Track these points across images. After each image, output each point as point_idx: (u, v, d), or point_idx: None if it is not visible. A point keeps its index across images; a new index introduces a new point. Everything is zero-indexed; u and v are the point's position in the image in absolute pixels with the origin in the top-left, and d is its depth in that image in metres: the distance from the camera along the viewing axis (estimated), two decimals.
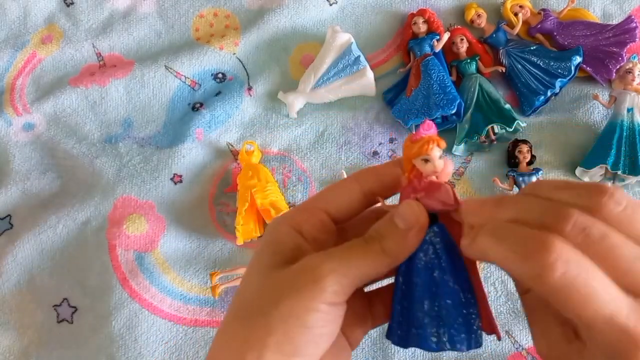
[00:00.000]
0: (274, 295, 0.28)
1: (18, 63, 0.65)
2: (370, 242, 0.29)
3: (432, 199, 0.29)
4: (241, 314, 0.29)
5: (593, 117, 0.61)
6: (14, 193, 0.60)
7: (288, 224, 0.31)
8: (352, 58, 0.61)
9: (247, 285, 0.31)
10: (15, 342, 0.56)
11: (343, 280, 0.28)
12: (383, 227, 0.29)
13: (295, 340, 0.27)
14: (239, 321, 0.29)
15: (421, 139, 0.30)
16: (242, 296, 0.31)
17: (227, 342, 0.29)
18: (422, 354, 0.55)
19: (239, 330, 0.28)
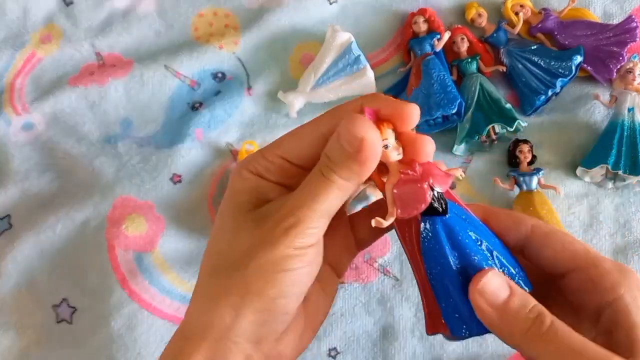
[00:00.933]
0: (247, 250, 0.28)
1: (17, 63, 0.65)
2: (327, 174, 0.28)
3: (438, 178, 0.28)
4: (216, 271, 0.29)
5: (594, 116, 0.61)
6: (13, 193, 0.60)
7: (248, 170, 0.31)
8: (352, 57, 0.61)
9: (217, 239, 0.31)
10: (15, 343, 0.56)
11: (312, 222, 0.28)
12: (334, 153, 0.28)
13: (277, 284, 0.28)
14: (214, 278, 0.29)
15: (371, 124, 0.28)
16: (214, 251, 0.31)
17: (204, 298, 0.29)
18: (422, 353, 0.55)
19: (216, 285, 0.28)
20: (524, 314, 0.27)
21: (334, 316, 0.56)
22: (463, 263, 0.28)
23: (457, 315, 0.29)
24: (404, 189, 0.28)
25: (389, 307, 0.56)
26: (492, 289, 0.28)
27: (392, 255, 0.58)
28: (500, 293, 0.28)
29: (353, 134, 0.27)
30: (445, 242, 0.28)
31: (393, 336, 0.56)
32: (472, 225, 0.29)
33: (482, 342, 0.55)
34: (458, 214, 0.29)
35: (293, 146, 0.31)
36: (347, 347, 0.56)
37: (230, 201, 0.31)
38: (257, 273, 0.27)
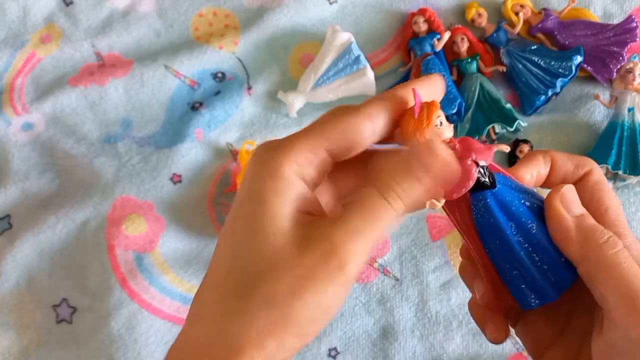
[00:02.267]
0: (290, 281, 0.24)
1: (17, 63, 0.65)
2: (392, 201, 0.25)
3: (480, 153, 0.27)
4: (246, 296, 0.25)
5: (594, 116, 0.61)
6: (13, 193, 0.60)
7: (290, 166, 0.25)
8: (352, 57, 0.61)
9: (246, 249, 0.25)
10: (15, 343, 0.56)
11: (366, 256, 0.25)
12: (403, 177, 0.26)
13: (316, 323, 0.25)
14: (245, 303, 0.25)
15: (422, 109, 0.27)
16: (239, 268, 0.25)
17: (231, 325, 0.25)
18: (422, 353, 0.55)
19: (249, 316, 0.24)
20: (600, 229, 0.27)
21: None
22: (521, 231, 0.28)
23: (524, 286, 0.29)
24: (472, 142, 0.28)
25: (389, 307, 0.56)
26: (573, 197, 0.28)
27: (392, 255, 0.58)
28: (578, 207, 0.28)
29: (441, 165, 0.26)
30: (500, 215, 0.28)
31: (393, 336, 0.56)
32: (522, 192, 0.29)
33: (482, 342, 0.55)
34: (506, 183, 0.29)
35: (338, 137, 0.26)
36: (347, 347, 0.56)
37: (268, 209, 0.25)
38: (301, 313, 0.24)
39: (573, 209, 0.28)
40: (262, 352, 0.24)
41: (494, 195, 0.28)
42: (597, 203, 0.30)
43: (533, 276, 0.28)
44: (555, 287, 0.29)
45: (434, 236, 0.58)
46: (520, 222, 0.28)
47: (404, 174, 0.26)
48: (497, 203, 0.28)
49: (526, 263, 0.28)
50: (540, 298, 0.29)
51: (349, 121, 0.26)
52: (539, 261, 0.28)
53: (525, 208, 0.29)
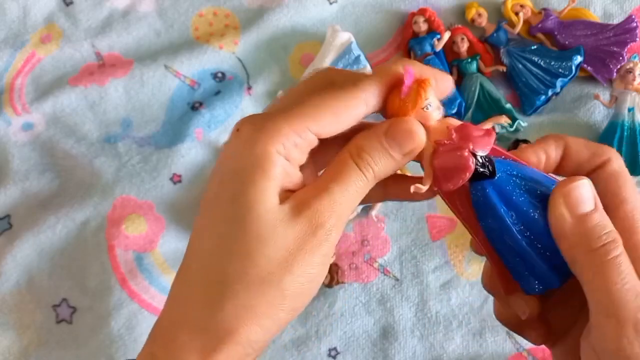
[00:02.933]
0: (280, 255, 0.25)
1: (17, 63, 0.65)
2: (364, 170, 0.26)
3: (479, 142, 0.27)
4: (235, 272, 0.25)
5: (594, 116, 0.61)
6: (13, 193, 0.60)
7: (276, 150, 0.25)
8: (352, 57, 0.61)
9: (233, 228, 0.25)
10: (15, 343, 0.56)
11: (343, 224, 0.27)
12: (376, 151, 0.27)
13: (305, 295, 0.26)
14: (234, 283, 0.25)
15: (411, 88, 0.26)
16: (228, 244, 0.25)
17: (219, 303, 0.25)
18: (422, 353, 0.55)
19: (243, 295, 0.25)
20: (598, 233, 0.26)
21: (334, 316, 0.56)
22: (522, 220, 0.28)
23: (527, 272, 0.28)
24: (444, 160, 0.27)
25: (389, 307, 0.56)
26: (579, 196, 0.26)
27: (392, 255, 0.58)
28: (586, 204, 0.26)
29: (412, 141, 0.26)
30: (500, 205, 0.28)
31: (393, 336, 0.56)
32: (524, 178, 0.28)
33: (482, 342, 0.55)
34: (508, 171, 0.28)
35: (329, 121, 0.26)
36: (347, 347, 0.56)
37: (261, 194, 0.25)
38: (293, 286, 0.25)
39: (578, 207, 0.26)
40: (257, 330, 0.25)
41: (494, 184, 0.28)
42: (611, 195, 0.28)
43: (535, 263, 0.28)
44: (558, 273, 0.28)
45: (434, 236, 0.58)
46: (521, 211, 0.28)
47: (378, 147, 0.27)
48: (496, 193, 0.28)
49: (527, 251, 0.28)
50: (543, 284, 0.28)
51: (339, 105, 0.26)
52: (541, 248, 0.28)
53: (526, 197, 0.28)
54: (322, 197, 0.26)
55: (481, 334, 0.56)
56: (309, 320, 0.56)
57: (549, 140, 0.30)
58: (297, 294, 0.26)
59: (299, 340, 0.56)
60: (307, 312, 0.57)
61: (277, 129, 0.25)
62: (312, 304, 0.57)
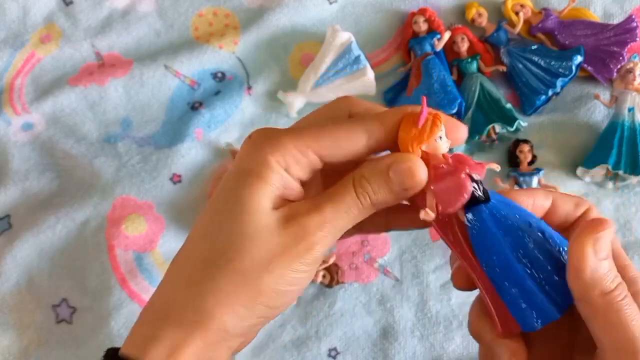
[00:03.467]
0: (262, 256, 0.27)
1: (17, 63, 0.65)
2: (361, 197, 0.28)
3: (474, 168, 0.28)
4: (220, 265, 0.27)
5: (594, 116, 0.61)
6: (13, 193, 0.60)
7: (276, 160, 0.28)
8: (352, 57, 0.61)
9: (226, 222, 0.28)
10: (15, 343, 0.56)
11: (331, 242, 0.29)
12: (377, 183, 0.28)
13: (287, 299, 0.29)
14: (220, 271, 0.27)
15: (427, 120, 0.28)
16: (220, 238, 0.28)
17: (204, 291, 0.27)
18: (422, 353, 0.55)
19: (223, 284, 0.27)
20: (612, 277, 0.28)
21: (334, 316, 0.56)
22: (520, 247, 0.28)
23: (525, 305, 0.28)
24: (443, 183, 0.28)
25: (389, 307, 0.56)
26: (605, 243, 0.28)
27: (392, 255, 0.58)
28: (605, 251, 0.28)
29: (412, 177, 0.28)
30: (496, 229, 0.28)
31: (393, 336, 0.56)
32: (515, 207, 0.29)
33: None
34: (501, 199, 0.29)
35: (331, 147, 0.29)
36: (347, 347, 0.56)
37: (255, 194, 0.28)
38: (270, 285, 0.27)
39: (601, 252, 0.28)
40: (232, 315, 0.27)
41: (489, 209, 0.28)
42: None
43: (533, 293, 0.28)
44: (556, 304, 0.28)
45: (434, 236, 0.58)
46: (518, 236, 0.28)
47: (379, 180, 0.28)
48: (492, 217, 0.28)
49: (525, 279, 0.28)
50: (542, 317, 0.28)
51: (340, 133, 0.29)
52: (538, 277, 0.28)
53: (522, 223, 0.28)
54: (312, 213, 0.28)
55: None
56: (309, 320, 0.56)
57: (538, 191, 0.32)
58: (274, 293, 0.28)
59: (299, 340, 0.56)
60: (307, 312, 0.57)
61: (281, 143, 0.28)
62: (312, 304, 0.57)
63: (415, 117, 0.28)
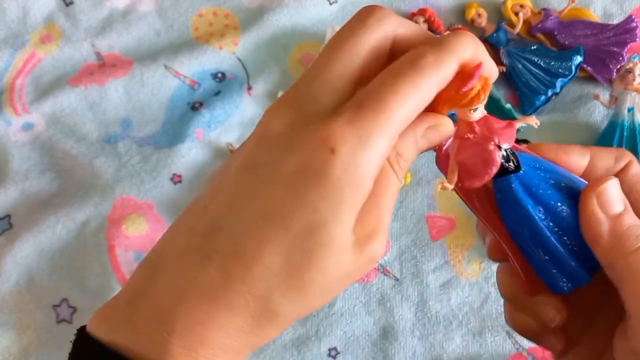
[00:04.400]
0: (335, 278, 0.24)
1: (17, 63, 0.65)
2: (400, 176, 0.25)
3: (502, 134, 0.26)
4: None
5: (594, 116, 0.61)
6: (13, 193, 0.60)
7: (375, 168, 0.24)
8: None
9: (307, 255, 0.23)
10: (15, 343, 0.56)
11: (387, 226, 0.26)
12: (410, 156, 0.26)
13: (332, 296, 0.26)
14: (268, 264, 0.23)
15: (472, 88, 0.25)
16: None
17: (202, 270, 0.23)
18: (422, 353, 0.55)
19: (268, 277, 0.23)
20: (635, 234, 0.25)
21: (334, 316, 0.56)
22: (551, 215, 0.26)
23: (555, 270, 0.27)
24: (469, 155, 0.26)
25: (388, 307, 0.57)
26: (611, 196, 0.26)
27: (392, 255, 0.58)
28: (617, 204, 0.26)
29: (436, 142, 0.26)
30: (527, 200, 0.26)
31: (393, 336, 0.56)
32: (548, 171, 0.27)
33: (482, 342, 0.55)
34: (531, 164, 0.27)
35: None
36: (347, 347, 0.56)
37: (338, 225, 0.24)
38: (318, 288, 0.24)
39: (611, 207, 0.26)
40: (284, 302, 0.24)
41: (519, 179, 0.26)
42: (636, 195, 0.28)
43: (564, 260, 0.27)
44: (587, 269, 0.27)
45: (433, 236, 0.58)
46: (549, 205, 0.26)
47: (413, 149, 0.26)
48: (523, 188, 0.26)
49: (557, 247, 0.26)
50: (572, 281, 0.27)
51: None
52: (569, 244, 0.27)
53: (553, 190, 0.27)
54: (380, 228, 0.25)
55: (481, 334, 0.56)
56: (309, 320, 0.56)
57: (572, 147, 0.29)
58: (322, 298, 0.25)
59: (299, 340, 0.56)
60: None
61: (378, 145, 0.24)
62: None
63: (465, 78, 0.25)
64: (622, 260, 0.25)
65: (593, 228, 0.26)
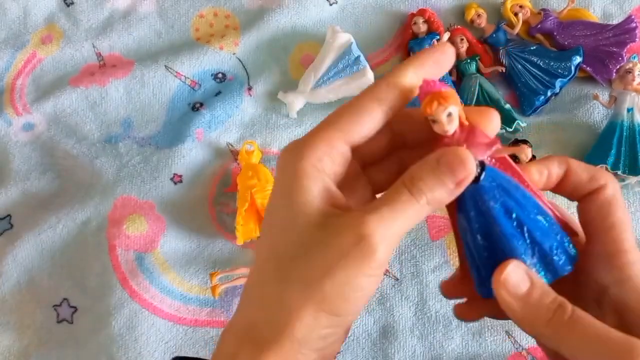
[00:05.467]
0: (322, 262, 0.27)
1: (18, 63, 0.65)
2: (416, 195, 0.27)
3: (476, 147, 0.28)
4: (286, 276, 0.28)
5: (593, 117, 0.61)
6: (14, 193, 0.60)
7: (309, 162, 0.28)
8: (352, 58, 0.61)
9: (282, 238, 0.28)
10: (15, 342, 0.56)
11: (394, 244, 0.28)
12: (429, 178, 0.27)
13: (348, 301, 0.27)
14: (285, 284, 0.27)
15: (424, 98, 0.28)
16: (279, 251, 0.28)
17: (274, 303, 0.28)
18: (422, 353, 0.55)
19: (289, 293, 0.27)
20: (545, 305, 0.28)
21: None
22: (486, 231, 0.29)
23: (479, 277, 0.30)
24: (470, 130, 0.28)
25: (388, 307, 0.57)
26: (514, 281, 0.28)
27: (392, 255, 0.58)
28: (521, 285, 0.28)
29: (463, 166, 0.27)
30: (471, 211, 0.29)
31: (393, 336, 0.56)
32: (510, 195, 0.29)
33: (481, 342, 0.55)
34: (497, 182, 0.29)
35: (356, 129, 0.28)
36: (346, 347, 0.56)
37: (293, 201, 0.28)
38: (333, 291, 0.27)
39: (516, 290, 0.28)
40: (301, 326, 0.27)
41: (474, 190, 0.28)
42: (602, 220, 0.30)
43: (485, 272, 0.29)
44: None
45: (433, 236, 0.59)
46: (488, 222, 0.29)
47: (430, 174, 0.27)
48: (472, 198, 0.29)
49: (481, 259, 0.29)
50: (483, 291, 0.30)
51: (356, 110, 0.28)
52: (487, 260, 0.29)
53: (499, 211, 0.29)
54: (370, 216, 0.27)
55: (480, 334, 0.56)
56: None
57: (553, 159, 0.31)
58: (338, 299, 0.27)
59: None
60: None
61: (306, 145, 0.28)
62: None
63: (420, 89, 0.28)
64: (546, 330, 0.28)
65: (511, 313, 0.28)
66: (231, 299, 0.57)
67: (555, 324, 0.27)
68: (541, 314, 0.28)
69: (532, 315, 0.28)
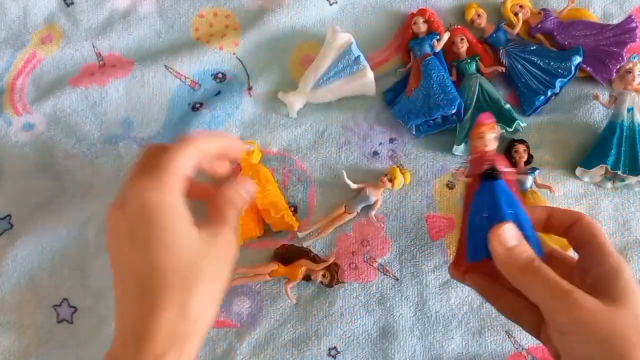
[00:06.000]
0: (189, 255, 0.38)
1: (18, 63, 0.65)
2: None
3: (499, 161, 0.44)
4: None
5: (593, 117, 0.61)
6: (14, 193, 0.60)
7: (176, 194, 0.41)
8: (352, 58, 0.61)
9: (175, 243, 0.39)
10: (15, 342, 0.56)
11: None
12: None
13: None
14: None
15: (480, 125, 0.45)
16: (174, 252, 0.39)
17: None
18: (421, 353, 0.56)
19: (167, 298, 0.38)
20: (523, 256, 0.39)
21: (334, 316, 0.56)
22: (492, 214, 0.41)
23: (474, 245, 0.42)
24: (473, 158, 0.45)
25: (388, 307, 0.57)
26: (506, 235, 0.39)
27: (392, 255, 0.58)
28: (511, 240, 0.39)
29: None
30: (486, 197, 0.43)
31: (393, 336, 0.56)
32: (511, 199, 0.42)
33: (481, 342, 0.55)
34: (505, 189, 0.43)
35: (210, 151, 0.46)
36: (347, 347, 0.56)
37: (180, 220, 0.41)
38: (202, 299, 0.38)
39: (506, 242, 0.39)
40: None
41: (490, 185, 0.43)
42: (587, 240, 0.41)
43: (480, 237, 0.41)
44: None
45: (433, 236, 0.59)
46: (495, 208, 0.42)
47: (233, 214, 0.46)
48: (488, 190, 0.43)
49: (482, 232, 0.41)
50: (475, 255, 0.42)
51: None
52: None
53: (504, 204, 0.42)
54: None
55: (480, 334, 0.56)
56: (308, 319, 0.56)
57: (537, 209, 0.45)
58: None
59: (299, 340, 0.56)
60: (307, 312, 0.57)
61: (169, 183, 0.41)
62: (311, 303, 0.57)
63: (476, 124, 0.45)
64: (517, 272, 0.39)
65: (496, 255, 0.40)
66: (231, 299, 0.57)
67: (525, 269, 0.38)
68: (518, 262, 0.39)
69: (512, 261, 0.39)
